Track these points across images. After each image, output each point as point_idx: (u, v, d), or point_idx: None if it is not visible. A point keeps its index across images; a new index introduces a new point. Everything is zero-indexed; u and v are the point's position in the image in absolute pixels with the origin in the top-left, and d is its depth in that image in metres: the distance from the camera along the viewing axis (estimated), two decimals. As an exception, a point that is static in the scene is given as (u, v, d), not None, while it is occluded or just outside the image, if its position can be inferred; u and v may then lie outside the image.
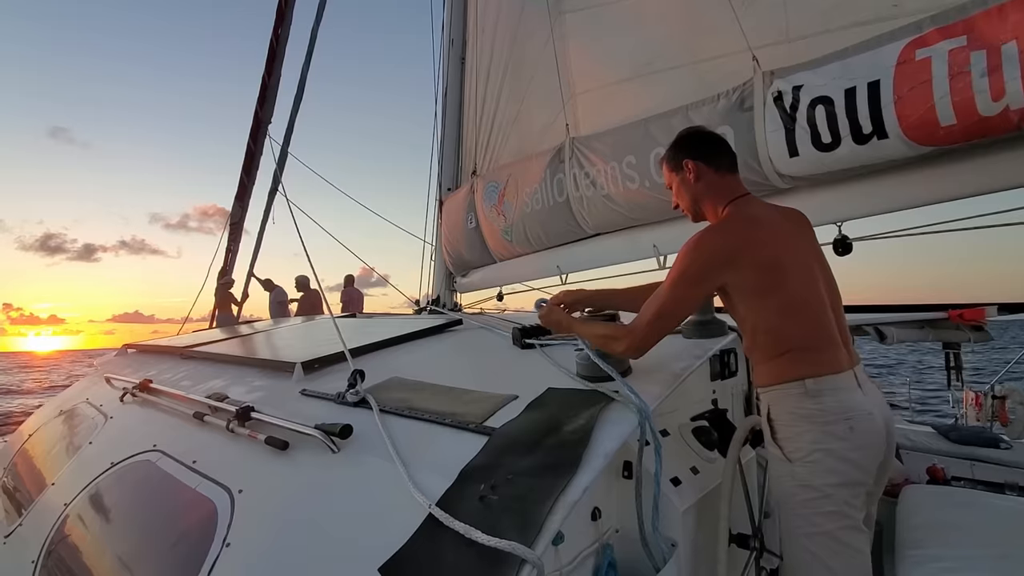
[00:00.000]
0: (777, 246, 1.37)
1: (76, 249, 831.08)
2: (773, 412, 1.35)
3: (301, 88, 4.43)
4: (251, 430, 1.51)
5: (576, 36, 3.06)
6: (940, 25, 1.60)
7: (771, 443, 1.36)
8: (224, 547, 1.17)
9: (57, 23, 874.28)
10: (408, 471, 1.13)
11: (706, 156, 1.50)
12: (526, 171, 3.19)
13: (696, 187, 1.50)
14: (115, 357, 3.57)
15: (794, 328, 1.33)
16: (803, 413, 1.29)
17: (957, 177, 1.71)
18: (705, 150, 1.51)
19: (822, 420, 1.27)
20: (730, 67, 2.24)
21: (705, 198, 1.50)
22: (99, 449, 2.01)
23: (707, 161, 1.49)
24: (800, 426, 1.29)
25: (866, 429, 1.28)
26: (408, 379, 1.75)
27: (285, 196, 3.05)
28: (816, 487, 1.26)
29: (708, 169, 1.48)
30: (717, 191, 1.48)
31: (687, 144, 1.53)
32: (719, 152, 1.50)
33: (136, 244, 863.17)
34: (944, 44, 1.57)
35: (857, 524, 1.28)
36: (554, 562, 1.06)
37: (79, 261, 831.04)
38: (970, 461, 3.31)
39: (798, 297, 1.34)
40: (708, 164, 1.49)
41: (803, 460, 1.28)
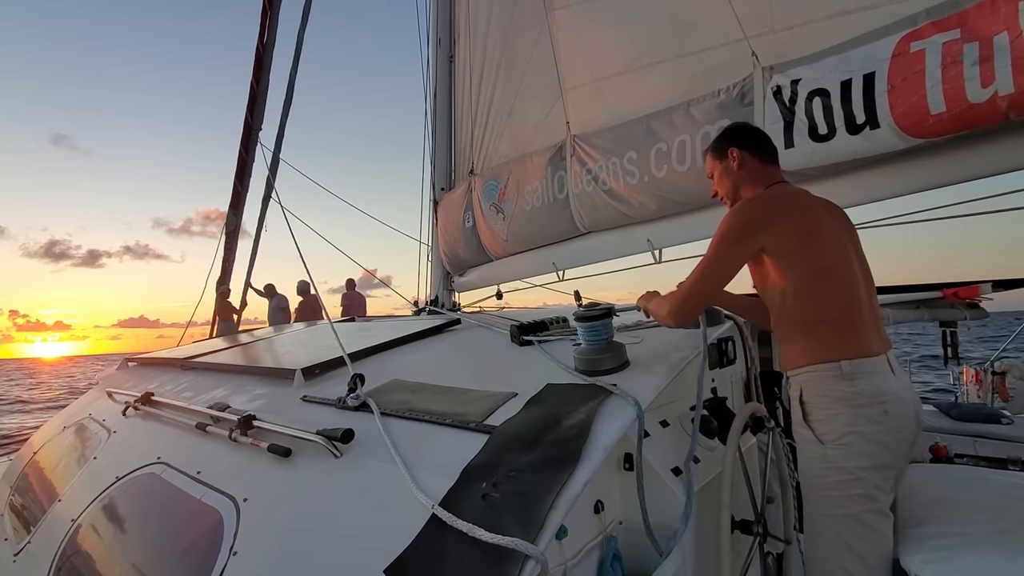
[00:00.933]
0: (814, 216, 1.42)
1: (80, 255, 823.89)
2: (806, 394, 1.36)
3: (290, 93, 4.42)
4: (254, 438, 1.52)
5: (568, 31, 3.05)
6: (935, 18, 1.63)
7: (802, 425, 1.37)
8: (231, 556, 1.18)
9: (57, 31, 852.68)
10: (410, 472, 1.14)
11: (750, 145, 1.56)
12: (527, 168, 3.20)
13: (738, 174, 1.56)
14: (116, 371, 3.57)
15: (827, 296, 1.35)
16: (837, 395, 1.30)
17: (948, 164, 1.73)
18: (749, 140, 1.58)
19: (857, 403, 1.28)
20: (719, 59, 2.25)
21: (745, 184, 1.56)
22: (104, 464, 2.02)
23: (751, 150, 1.55)
24: (834, 408, 1.30)
25: (899, 413, 1.30)
26: (408, 381, 1.76)
27: (279, 203, 3.05)
28: (848, 469, 1.28)
29: (751, 158, 1.55)
30: (757, 178, 1.54)
31: (733, 134, 1.60)
32: (762, 143, 1.57)
33: (140, 249, 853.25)
34: (938, 37, 1.61)
35: (884, 508, 1.30)
36: (558, 556, 1.07)
37: (84, 267, 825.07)
38: (972, 438, 3.32)
39: (832, 264, 1.37)
40: (752, 153, 1.55)
41: (835, 442, 1.30)
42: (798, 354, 1.40)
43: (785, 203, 1.44)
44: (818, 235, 1.39)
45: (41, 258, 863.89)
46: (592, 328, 1.50)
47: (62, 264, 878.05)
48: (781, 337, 1.46)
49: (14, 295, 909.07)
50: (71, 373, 41.83)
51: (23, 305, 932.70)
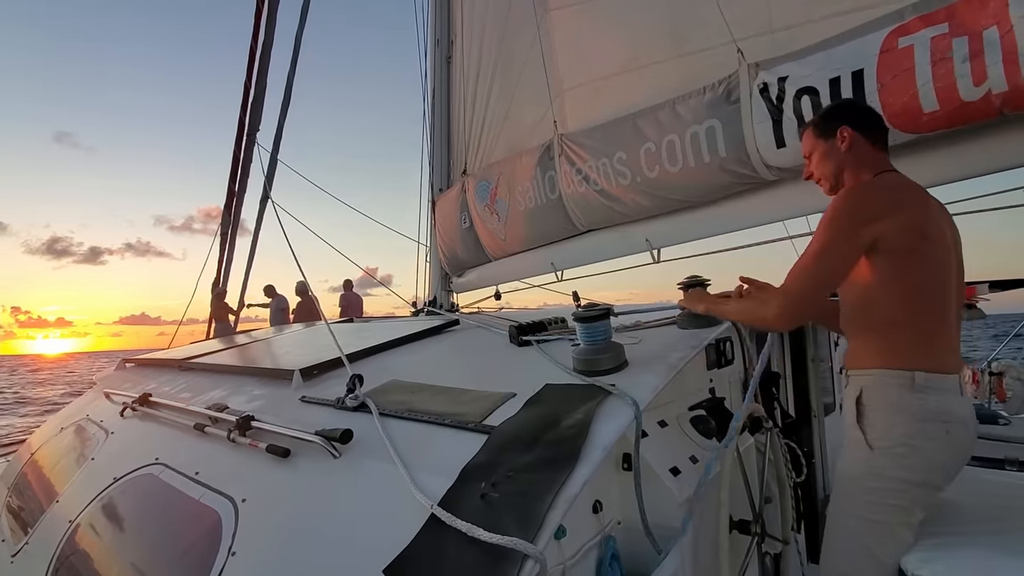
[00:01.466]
0: (927, 214, 1.30)
1: (82, 252, 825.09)
2: (866, 396, 1.30)
3: (288, 94, 4.42)
4: (252, 439, 1.52)
5: (563, 32, 3.06)
6: (922, 13, 1.61)
7: (853, 426, 1.31)
8: (230, 556, 1.18)
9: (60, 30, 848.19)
10: (409, 472, 1.14)
11: (865, 126, 1.42)
12: (516, 168, 3.19)
13: (846, 156, 1.41)
14: (114, 372, 3.56)
15: (920, 302, 1.27)
16: (902, 405, 1.25)
17: (941, 162, 1.73)
18: (865, 121, 1.43)
19: (921, 417, 1.24)
20: (715, 59, 2.25)
21: (851, 168, 1.42)
22: (102, 465, 2.01)
23: (865, 131, 1.41)
24: (895, 417, 1.26)
25: (961, 438, 1.27)
26: (406, 381, 1.76)
27: (275, 205, 3.05)
28: (891, 479, 1.25)
29: (864, 140, 1.40)
30: (866, 163, 1.40)
31: (846, 111, 1.46)
32: (878, 125, 1.44)
33: (142, 246, 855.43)
34: (926, 32, 1.59)
35: (914, 523, 1.28)
36: (557, 556, 1.07)
37: (85, 264, 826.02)
38: None
39: (936, 270, 1.28)
40: (865, 135, 1.41)
41: (887, 450, 1.25)
42: (869, 354, 1.32)
43: (903, 193, 1.31)
44: (930, 236, 1.27)
45: (43, 255, 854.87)
46: (590, 328, 1.51)
47: (64, 261, 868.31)
48: (854, 331, 1.37)
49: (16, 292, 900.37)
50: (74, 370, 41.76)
51: (25, 302, 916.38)
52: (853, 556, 1.31)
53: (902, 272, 1.26)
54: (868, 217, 1.26)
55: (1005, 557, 1.22)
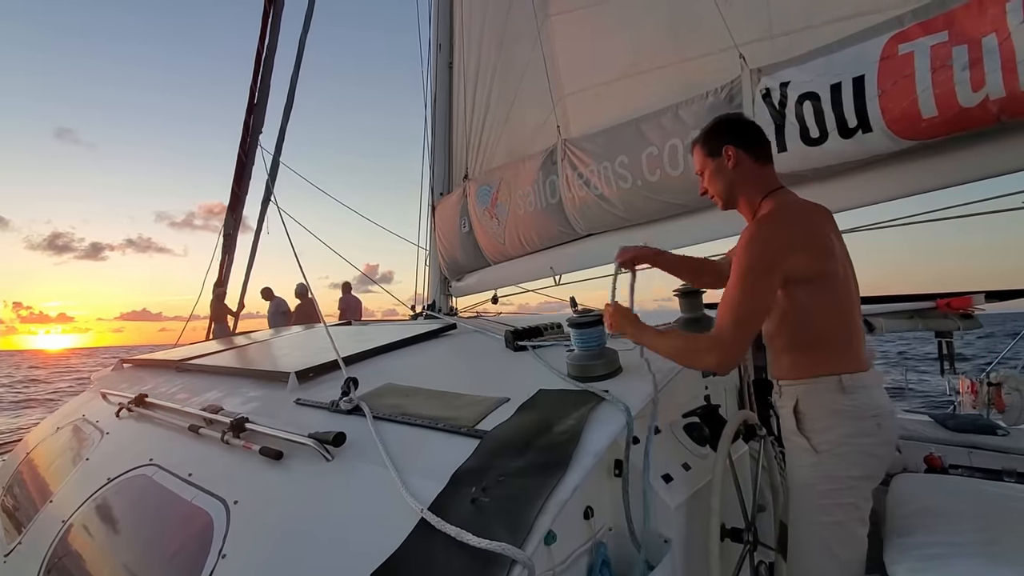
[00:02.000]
0: (826, 235, 1.38)
1: (83, 248, 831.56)
2: (803, 405, 1.37)
3: (291, 97, 4.44)
4: (246, 441, 1.52)
5: (563, 38, 3.07)
6: (921, 19, 1.62)
7: (795, 433, 1.37)
8: (220, 558, 1.18)
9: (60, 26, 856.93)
10: (401, 476, 1.14)
11: (747, 144, 1.45)
12: (518, 173, 3.20)
13: (733, 174, 1.46)
14: (111, 372, 3.56)
15: (831, 313, 1.34)
16: (836, 408, 1.32)
17: (939, 168, 1.74)
18: (746, 138, 1.46)
19: (855, 415, 1.31)
20: (716, 65, 2.26)
21: (742, 186, 1.46)
22: (96, 465, 2.01)
23: (748, 149, 1.45)
24: (831, 419, 1.32)
25: (889, 427, 1.35)
26: (401, 385, 1.76)
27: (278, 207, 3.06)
28: (840, 478, 1.30)
29: (748, 157, 1.44)
30: (755, 180, 1.45)
31: (728, 129, 1.48)
32: (759, 141, 1.48)
33: (143, 243, 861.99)
34: (926, 39, 1.60)
35: (866, 517, 1.34)
36: (546, 561, 1.07)
37: (87, 260, 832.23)
38: (968, 449, 3.32)
39: (843, 287, 1.36)
40: (748, 152, 1.45)
41: (831, 452, 1.31)
42: (797, 366, 1.39)
43: (803, 225, 1.38)
44: (830, 255, 1.35)
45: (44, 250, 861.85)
46: (585, 334, 1.51)
47: (65, 257, 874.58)
48: (779, 348, 1.43)
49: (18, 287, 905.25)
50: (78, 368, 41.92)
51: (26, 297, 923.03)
52: (818, 560, 1.34)
53: (818, 295, 1.33)
54: (779, 258, 1.30)
55: (995, 567, 1.22)
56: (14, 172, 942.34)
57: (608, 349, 1.52)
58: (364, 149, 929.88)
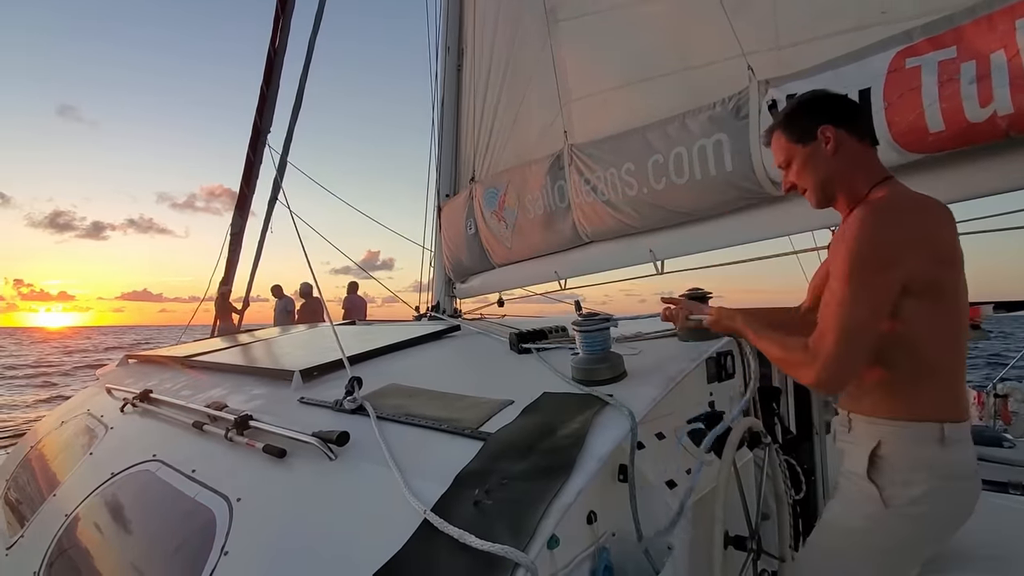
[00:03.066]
0: (953, 238, 1.13)
1: (85, 227, 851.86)
2: (886, 449, 1.13)
3: (300, 97, 4.46)
4: (249, 439, 1.52)
5: (572, 43, 3.08)
6: (930, 35, 1.61)
7: (863, 478, 1.14)
8: (222, 556, 1.18)
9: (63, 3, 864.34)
10: (404, 477, 1.14)
11: (849, 121, 1.19)
12: (526, 177, 3.21)
13: (834, 162, 1.19)
14: (116, 367, 3.58)
15: (946, 349, 1.10)
16: (927, 462, 1.09)
17: (946, 182, 1.72)
18: (847, 114, 1.20)
19: (944, 474, 1.09)
20: (723, 74, 2.26)
21: (847, 175, 1.19)
22: (100, 460, 2.02)
23: (850, 128, 1.18)
24: (918, 474, 1.09)
25: (973, 487, 1.15)
26: (405, 385, 1.76)
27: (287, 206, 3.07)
28: (905, 539, 1.12)
29: (850, 137, 1.18)
30: (863, 167, 1.19)
31: (823, 107, 1.22)
32: (861, 115, 1.25)
33: (144, 223, 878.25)
34: (934, 55, 1.59)
35: None
36: (549, 566, 1.06)
37: (88, 239, 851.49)
38: None
39: (961, 308, 1.12)
40: (851, 132, 1.18)
41: (904, 509, 1.10)
42: (892, 402, 1.14)
43: (929, 219, 1.11)
44: (952, 263, 1.10)
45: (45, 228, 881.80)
46: (590, 338, 1.51)
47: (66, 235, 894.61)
48: (872, 378, 1.16)
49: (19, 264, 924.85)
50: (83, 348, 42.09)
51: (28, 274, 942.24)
52: None
53: (935, 314, 1.08)
54: (901, 252, 1.06)
55: (1004, 582, 1.21)
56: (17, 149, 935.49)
57: (613, 353, 1.51)
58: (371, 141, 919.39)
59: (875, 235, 1.07)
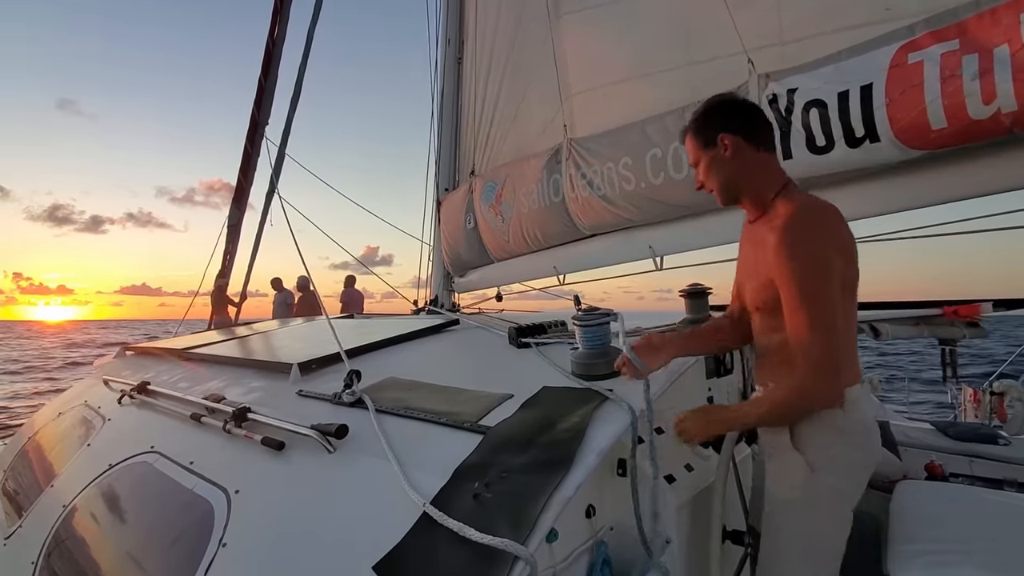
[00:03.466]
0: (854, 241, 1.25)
1: (84, 221, 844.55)
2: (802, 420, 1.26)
3: (298, 89, 4.42)
4: (248, 431, 1.52)
5: (574, 37, 3.06)
6: (933, 28, 1.59)
7: (789, 448, 1.26)
8: (220, 547, 1.18)
9: None
10: (403, 470, 1.14)
11: (746, 129, 1.28)
12: (523, 171, 3.19)
13: (733, 165, 1.28)
14: (114, 359, 3.58)
15: (852, 335, 1.24)
16: (836, 424, 1.22)
17: (948, 180, 1.72)
18: (745, 122, 1.29)
19: (852, 431, 1.23)
20: (725, 69, 2.25)
21: (747, 179, 1.30)
22: (97, 451, 2.02)
23: (747, 136, 1.27)
24: (830, 437, 1.23)
25: (878, 438, 1.28)
26: (404, 379, 1.76)
27: (281, 199, 3.06)
28: (837, 496, 1.24)
29: (748, 146, 1.27)
30: (762, 173, 1.29)
31: (722, 113, 1.31)
32: (759, 126, 1.30)
33: (143, 217, 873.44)
34: (936, 48, 1.57)
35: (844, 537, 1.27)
36: (548, 559, 1.07)
37: (87, 232, 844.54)
38: (968, 458, 3.31)
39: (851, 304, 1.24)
40: (749, 139, 1.27)
41: (828, 469, 1.22)
42: None
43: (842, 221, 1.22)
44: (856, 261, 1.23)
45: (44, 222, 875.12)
46: (590, 333, 1.50)
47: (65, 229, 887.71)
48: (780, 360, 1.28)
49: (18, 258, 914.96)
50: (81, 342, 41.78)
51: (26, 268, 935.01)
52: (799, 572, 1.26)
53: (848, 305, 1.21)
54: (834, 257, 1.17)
55: (1000, 577, 1.21)
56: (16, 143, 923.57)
57: (613, 348, 1.51)
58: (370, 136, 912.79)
59: (812, 246, 1.16)
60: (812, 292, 1.14)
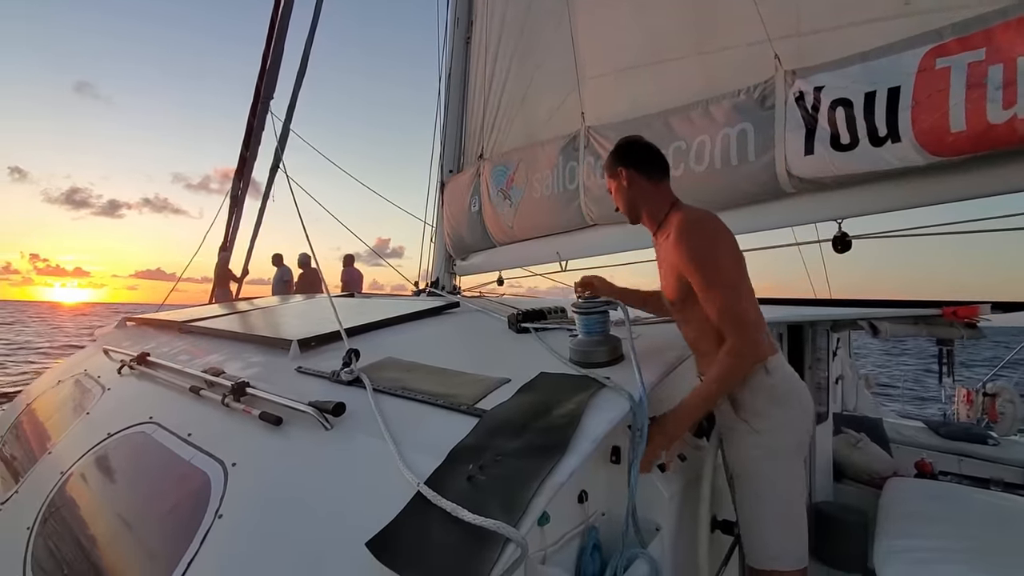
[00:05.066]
0: None
1: (101, 204, 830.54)
2: (737, 391, 1.45)
3: (304, 63, 4.38)
4: (246, 405, 1.53)
5: (588, 21, 3.01)
6: (961, 35, 1.61)
7: (734, 418, 1.46)
8: (216, 518, 1.19)
9: None
10: (399, 449, 1.15)
11: (639, 165, 1.59)
12: (537, 156, 3.17)
13: (630, 192, 1.60)
14: (114, 329, 3.58)
15: (754, 309, 1.44)
16: (766, 389, 1.43)
17: (960, 180, 1.72)
18: (638, 159, 1.59)
19: (781, 392, 1.43)
20: (742, 59, 2.22)
21: (642, 203, 1.59)
22: (96, 419, 2.03)
23: (640, 169, 1.58)
24: (763, 402, 1.43)
25: (807, 398, 1.48)
26: (403, 360, 1.76)
27: (286, 174, 3.04)
28: (781, 453, 1.41)
29: (640, 177, 1.58)
30: (653, 197, 1.58)
31: (622, 153, 1.62)
32: (652, 161, 1.59)
33: (159, 202, 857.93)
34: (964, 56, 1.59)
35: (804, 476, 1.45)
36: (539, 542, 1.08)
37: (103, 216, 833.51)
38: (958, 456, 3.34)
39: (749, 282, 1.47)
40: (640, 172, 1.58)
41: (768, 430, 1.41)
42: None
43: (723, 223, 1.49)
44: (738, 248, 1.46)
45: (62, 204, 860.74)
46: (589, 320, 1.51)
47: (82, 212, 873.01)
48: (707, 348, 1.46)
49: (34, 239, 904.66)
50: None
51: (43, 249, 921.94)
52: (775, 534, 1.39)
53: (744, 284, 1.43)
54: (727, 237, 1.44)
55: (983, 574, 1.23)
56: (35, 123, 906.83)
57: (612, 336, 1.52)
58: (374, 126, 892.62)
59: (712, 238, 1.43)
60: (713, 268, 1.39)
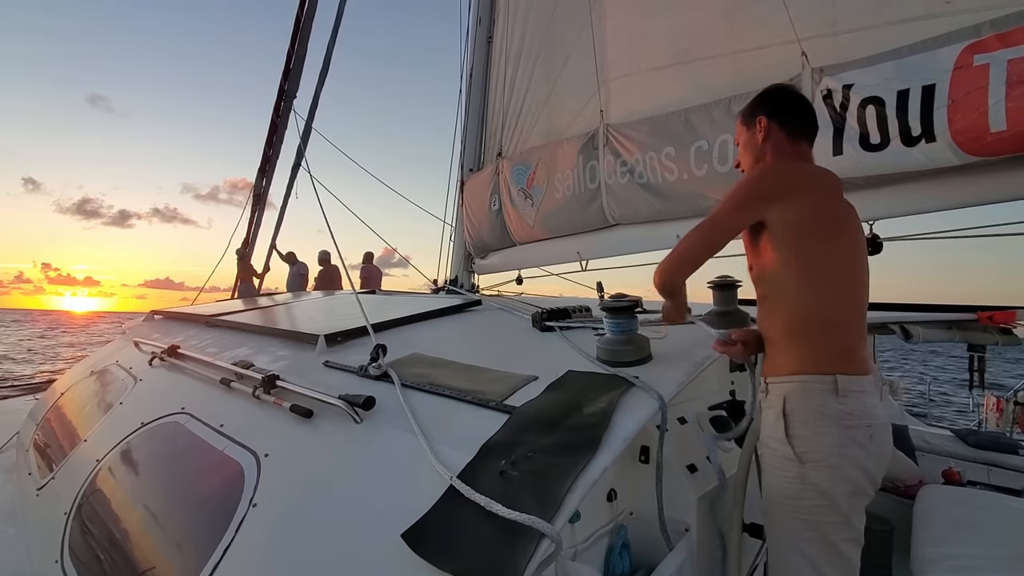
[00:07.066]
0: (837, 202, 1.29)
1: (112, 215, 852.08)
2: (790, 406, 1.22)
3: (327, 63, 4.43)
4: (276, 397, 1.56)
5: (614, 20, 3.00)
6: (1000, 31, 1.54)
7: (781, 441, 1.22)
8: (251, 507, 1.22)
9: None
10: (429, 443, 1.16)
11: (782, 115, 1.36)
12: (557, 155, 3.17)
13: (762, 146, 1.37)
14: (143, 322, 3.67)
15: (837, 298, 1.22)
16: (827, 412, 1.18)
17: (998, 180, 1.67)
18: (783, 110, 1.37)
19: (847, 423, 1.17)
20: (772, 59, 2.18)
21: (767, 159, 1.38)
22: (129, 409, 2.08)
23: (781, 121, 1.36)
24: (821, 426, 1.18)
25: (883, 440, 1.23)
26: (429, 355, 1.77)
27: (309, 172, 3.08)
28: (829, 494, 1.17)
29: (779, 130, 1.36)
30: (782, 154, 1.35)
31: (766, 100, 1.40)
32: (798, 115, 1.37)
33: (168, 213, 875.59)
34: (1004, 52, 1.53)
35: (858, 536, 1.21)
36: (570, 539, 1.08)
37: (114, 226, 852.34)
38: (987, 466, 3.26)
39: (849, 262, 1.24)
40: (782, 125, 1.36)
41: (818, 463, 1.18)
42: (789, 359, 1.25)
43: (804, 178, 1.28)
44: (839, 225, 1.25)
45: (73, 214, 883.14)
46: (618, 320, 1.50)
47: (93, 222, 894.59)
48: (772, 336, 1.29)
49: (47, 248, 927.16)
50: None
51: (55, 259, 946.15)
52: None
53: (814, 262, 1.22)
54: (757, 197, 1.24)
55: (1022, 585, 1.21)
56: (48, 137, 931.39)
57: (639, 336, 1.51)
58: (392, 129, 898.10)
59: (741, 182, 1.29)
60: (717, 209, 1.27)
